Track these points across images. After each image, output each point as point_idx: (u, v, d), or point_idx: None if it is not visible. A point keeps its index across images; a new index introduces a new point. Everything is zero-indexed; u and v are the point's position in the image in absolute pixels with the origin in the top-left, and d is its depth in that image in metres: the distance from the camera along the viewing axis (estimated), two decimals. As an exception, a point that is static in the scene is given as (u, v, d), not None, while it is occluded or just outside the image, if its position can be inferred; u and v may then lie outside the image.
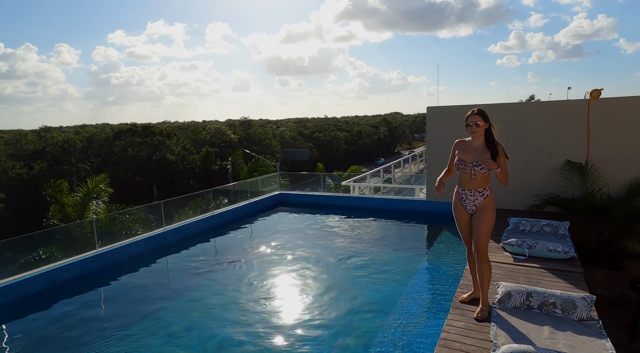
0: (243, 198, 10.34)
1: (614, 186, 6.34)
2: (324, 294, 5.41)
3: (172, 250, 7.44)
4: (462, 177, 3.51)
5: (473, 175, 3.38)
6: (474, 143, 3.45)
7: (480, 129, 3.38)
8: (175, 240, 7.78)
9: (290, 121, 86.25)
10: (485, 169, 3.33)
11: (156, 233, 7.48)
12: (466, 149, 3.47)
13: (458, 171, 3.52)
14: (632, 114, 6.35)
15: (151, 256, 7.10)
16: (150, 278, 6.41)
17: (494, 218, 3.46)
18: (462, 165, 3.45)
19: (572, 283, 4.22)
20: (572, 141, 6.78)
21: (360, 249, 7.11)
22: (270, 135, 54.63)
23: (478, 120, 3.37)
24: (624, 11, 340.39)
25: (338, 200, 10.52)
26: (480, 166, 3.34)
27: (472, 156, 3.41)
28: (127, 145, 43.38)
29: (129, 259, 6.90)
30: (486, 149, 3.37)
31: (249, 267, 6.52)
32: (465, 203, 3.52)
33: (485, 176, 3.41)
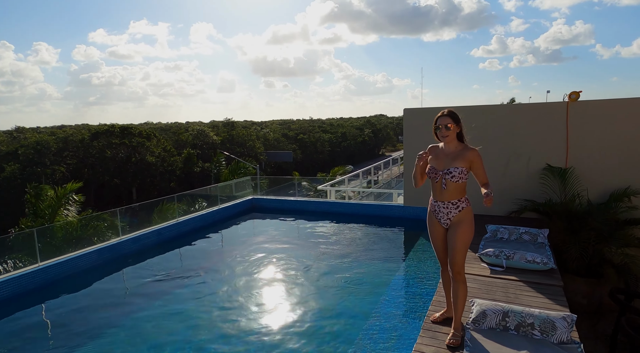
0: (214, 203, 9.83)
1: (594, 191, 6.13)
2: (290, 311, 5.01)
3: (130, 261, 6.84)
4: (434, 187, 3.15)
5: (444, 185, 3.03)
6: (445, 148, 3.11)
7: (452, 132, 3.03)
8: (134, 250, 7.19)
9: (275, 123, 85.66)
10: (457, 178, 3.00)
11: (111, 243, 6.87)
12: (437, 156, 3.13)
13: (430, 179, 3.17)
14: (611, 117, 6.16)
15: (104, 270, 6.49)
16: (100, 297, 5.72)
17: (472, 234, 3.10)
18: (432, 174, 3.10)
19: (552, 298, 3.96)
20: (552, 145, 6.56)
21: (335, 259, 6.72)
22: (253, 137, 53.97)
23: (448, 122, 3.01)
24: (600, 18, 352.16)
25: (314, 205, 10.12)
26: (451, 174, 3.00)
27: (442, 163, 3.07)
28: (104, 147, 42.14)
29: (77, 274, 6.23)
30: (458, 156, 3.04)
31: (216, 280, 6.06)
32: (438, 216, 3.17)
33: (459, 186, 3.04)
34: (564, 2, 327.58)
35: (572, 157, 6.43)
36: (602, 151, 6.22)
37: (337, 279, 5.85)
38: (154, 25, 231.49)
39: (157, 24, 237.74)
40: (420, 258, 6.44)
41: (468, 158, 3.02)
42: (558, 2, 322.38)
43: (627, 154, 6.03)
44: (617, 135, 6.10)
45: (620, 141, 6.09)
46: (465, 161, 3.01)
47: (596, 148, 6.29)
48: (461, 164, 3.01)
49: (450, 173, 3.01)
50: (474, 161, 3.02)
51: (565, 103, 6.43)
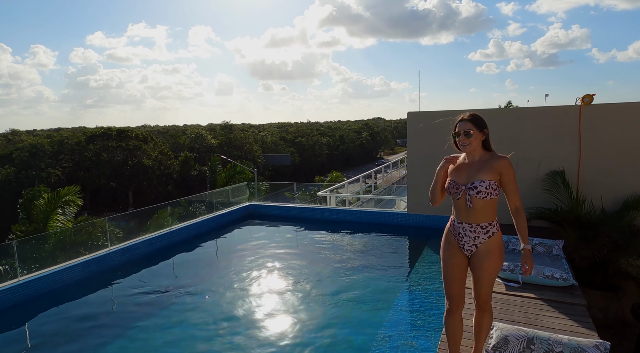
0: (210, 210, 9.46)
1: (607, 199, 5.82)
2: (289, 326, 4.66)
3: (119, 274, 6.44)
4: (456, 205, 2.60)
5: (469, 202, 2.47)
6: (468, 158, 2.58)
7: (474, 140, 2.47)
8: (123, 262, 6.79)
9: (272, 126, 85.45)
10: (485, 193, 2.42)
11: (98, 255, 6.45)
12: (459, 167, 2.60)
13: (450, 196, 2.63)
14: (625, 121, 5.86)
15: (90, 284, 6.07)
16: (85, 315, 5.23)
17: (501, 265, 2.59)
18: (453, 189, 2.56)
19: (576, 319, 3.62)
20: (563, 150, 6.26)
21: (336, 271, 6.36)
22: (251, 140, 53.64)
23: (470, 128, 2.46)
24: (597, 22, 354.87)
25: (314, 212, 9.77)
26: (476, 189, 2.43)
27: (465, 176, 2.52)
28: (101, 150, 41.71)
29: (60, 289, 5.80)
30: (484, 166, 2.47)
31: (211, 294, 5.68)
32: (462, 240, 2.58)
33: (489, 204, 2.46)
34: (560, 7, 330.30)
35: (584, 162, 6.13)
36: (616, 156, 5.92)
37: (339, 293, 5.50)
38: (152, 28, 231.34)
39: (156, 26, 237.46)
40: (424, 272, 6.10)
41: (496, 168, 2.43)
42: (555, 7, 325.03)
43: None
44: (632, 140, 5.80)
45: (635, 145, 5.79)
46: (494, 173, 2.43)
47: (610, 153, 5.99)
48: (488, 176, 2.43)
49: (475, 188, 2.43)
50: (504, 173, 2.42)
51: (577, 107, 6.13)
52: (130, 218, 13.69)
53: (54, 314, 5.26)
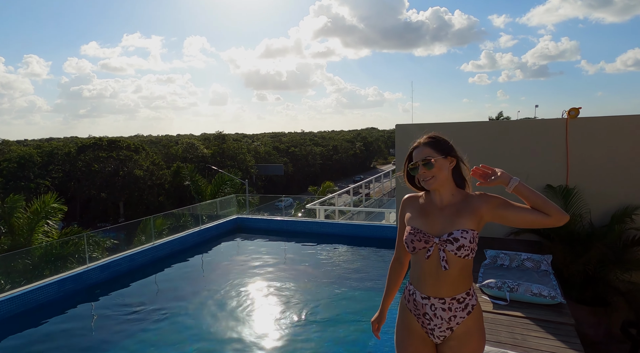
0: (195, 223, 9.27)
1: (596, 213, 5.77)
2: (276, 346, 4.48)
3: (97, 293, 6.18)
4: (420, 268, 1.79)
5: (444, 262, 1.70)
6: (436, 198, 1.82)
7: (437, 171, 1.74)
8: (102, 279, 6.53)
9: (266, 136, 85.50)
10: (468, 250, 1.69)
11: (75, 272, 6.18)
12: (424, 211, 1.84)
13: (412, 254, 1.83)
14: (611, 134, 5.84)
15: (65, 304, 5.78)
16: (58, 339, 4.92)
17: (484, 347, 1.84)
18: (420, 242, 1.76)
19: (563, 340, 3.51)
20: (551, 163, 6.22)
21: (325, 287, 6.21)
22: (244, 150, 53.52)
23: (429, 155, 1.75)
24: (585, 35, 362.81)
25: (302, 226, 9.62)
26: (457, 242, 1.69)
27: (437, 223, 1.77)
28: (91, 160, 41.31)
29: (32, 310, 5.49)
30: (463, 208, 1.76)
31: (196, 314, 5.48)
32: (431, 324, 1.79)
33: (468, 265, 1.75)
34: (550, 19, 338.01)
35: (572, 176, 6.09)
36: (603, 169, 5.89)
37: (328, 310, 5.35)
38: (147, 38, 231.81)
39: (151, 37, 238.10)
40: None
41: (477, 209, 1.73)
42: (545, 19, 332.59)
43: (628, 173, 5.71)
44: (618, 153, 5.78)
45: (622, 159, 5.77)
46: (475, 218, 1.72)
47: (597, 166, 5.96)
48: (470, 223, 1.72)
49: (456, 241, 1.68)
50: (490, 205, 1.72)
51: (564, 120, 6.11)
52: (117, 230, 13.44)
53: (22, 340, 4.98)
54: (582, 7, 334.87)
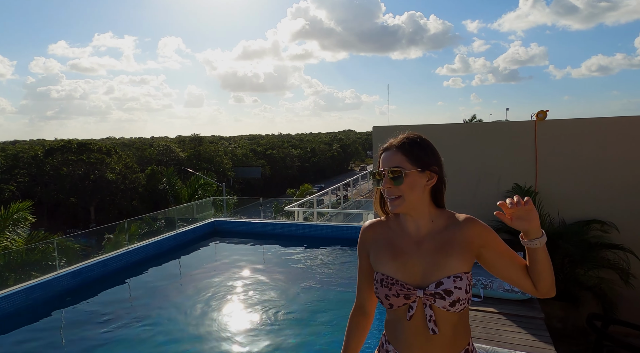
0: (172, 227, 9.08)
1: (564, 213, 6.03)
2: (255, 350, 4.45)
3: (68, 301, 5.93)
4: (402, 327, 1.27)
5: (432, 325, 1.21)
6: (409, 225, 1.29)
7: (407, 190, 1.22)
8: (74, 286, 6.30)
9: (243, 138, 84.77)
10: (463, 301, 1.20)
11: (43, 279, 5.94)
12: (396, 248, 1.29)
13: (387, 307, 1.29)
14: (579, 136, 6.13)
15: (34, 312, 5.54)
16: (25, 348, 4.71)
17: None
18: (397, 298, 1.24)
19: (534, 333, 3.67)
20: (521, 165, 6.45)
21: (304, 289, 6.20)
22: (221, 153, 52.84)
23: (399, 165, 1.23)
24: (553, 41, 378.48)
25: (281, 228, 9.59)
26: (449, 294, 1.18)
27: (419, 267, 1.24)
28: (60, 164, 39.76)
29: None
30: (449, 241, 1.24)
31: (172, 319, 5.35)
32: None
33: (463, 318, 1.28)
34: (520, 26, 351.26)
35: (541, 177, 6.33)
36: (571, 171, 6.16)
37: (307, 309, 5.36)
38: (119, 38, 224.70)
39: (124, 37, 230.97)
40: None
41: (470, 243, 1.24)
42: (515, 26, 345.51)
43: (595, 175, 6.00)
44: (586, 156, 6.06)
45: (589, 162, 6.05)
46: (468, 253, 1.23)
47: (565, 168, 6.23)
48: (462, 262, 1.22)
49: (449, 294, 1.18)
50: (488, 244, 1.24)
51: (533, 122, 6.36)
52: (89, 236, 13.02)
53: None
54: (550, 14, 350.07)
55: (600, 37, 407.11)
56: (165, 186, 16.34)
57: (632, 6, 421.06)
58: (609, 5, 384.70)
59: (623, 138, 5.66)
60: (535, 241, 1.17)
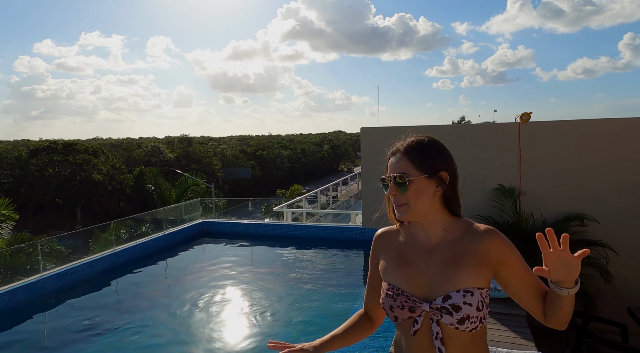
0: (159, 228, 9.01)
1: (547, 212, 6.16)
2: None
3: (52, 303, 5.86)
4: (408, 343, 1.18)
5: (438, 343, 1.11)
6: (419, 233, 1.23)
7: (413, 197, 1.16)
8: (59, 288, 6.21)
9: (233, 139, 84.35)
10: (474, 320, 1.09)
11: (28, 281, 5.86)
12: (404, 257, 1.23)
13: (392, 320, 1.20)
14: (561, 138, 6.27)
15: (17, 315, 5.45)
16: (8, 351, 4.67)
17: None
18: (402, 310, 1.16)
19: (516, 330, 3.77)
20: (506, 165, 6.58)
21: (292, 290, 6.23)
22: (210, 153, 52.49)
23: (406, 171, 1.17)
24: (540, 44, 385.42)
25: (269, 229, 9.59)
26: (457, 310, 1.07)
27: (425, 279, 1.16)
28: (45, 164, 39.06)
29: None
30: (461, 252, 1.15)
31: (159, 322, 5.31)
32: None
33: (478, 337, 1.15)
34: (507, 28, 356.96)
35: (525, 178, 6.46)
36: (554, 172, 6.30)
37: (295, 309, 5.38)
38: (107, 37, 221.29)
39: (111, 36, 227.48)
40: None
41: (488, 256, 1.13)
42: (503, 28, 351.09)
43: (578, 176, 6.14)
44: (568, 157, 6.21)
45: (570, 163, 6.20)
46: (484, 267, 1.13)
47: (548, 169, 6.37)
48: (475, 276, 1.12)
49: (456, 309, 1.08)
50: (506, 261, 1.13)
51: (517, 124, 6.49)
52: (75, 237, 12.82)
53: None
54: (537, 18, 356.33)
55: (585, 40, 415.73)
56: (151, 188, 16.15)
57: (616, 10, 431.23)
58: (594, 9, 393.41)
59: (602, 139, 5.82)
60: (564, 291, 1.06)
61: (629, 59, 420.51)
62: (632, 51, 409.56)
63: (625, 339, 4.05)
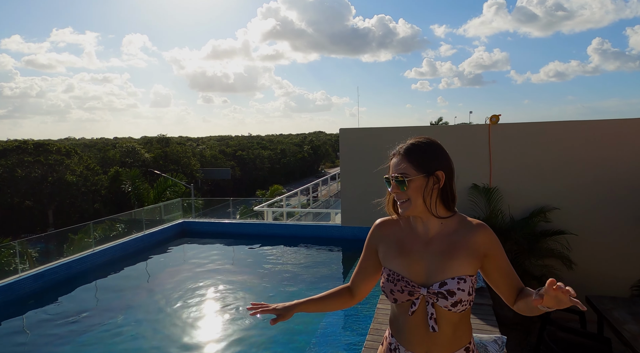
0: (139, 228, 8.95)
1: (515, 209, 6.52)
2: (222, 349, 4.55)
3: (31, 304, 5.80)
4: (404, 321, 1.37)
5: (432, 322, 1.30)
6: (418, 226, 1.39)
7: (413, 194, 1.32)
8: (36, 290, 6.14)
9: (212, 139, 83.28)
10: (465, 302, 1.28)
11: (6, 282, 5.77)
12: (404, 247, 1.39)
13: (391, 301, 1.39)
14: (528, 139, 6.65)
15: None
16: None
17: None
18: (401, 293, 1.34)
19: (482, 318, 4.05)
20: (476, 165, 6.91)
21: (273, 287, 6.35)
22: (189, 154, 51.73)
23: (405, 172, 1.33)
24: (514, 47, 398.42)
25: (250, 228, 9.66)
26: (451, 294, 1.27)
27: (423, 267, 1.33)
28: (14, 165, 37.60)
29: None
30: (455, 244, 1.32)
31: (140, 321, 5.33)
32: None
33: (465, 317, 1.35)
34: (483, 32, 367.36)
35: (495, 176, 6.81)
36: (521, 171, 6.67)
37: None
38: (80, 33, 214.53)
39: (85, 32, 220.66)
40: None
41: (478, 248, 1.31)
42: (479, 31, 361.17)
43: (543, 174, 6.52)
44: (534, 157, 6.59)
45: (537, 162, 6.58)
46: (474, 257, 1.31)
47: (516, 168, 6.73)
48: (467, 265, 1.29)
49: (451, 294, 1.26)
50: (491, 253, 1.32)
51: (487, 125, 6.83)
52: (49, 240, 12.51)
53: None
54: (512, 22, 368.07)
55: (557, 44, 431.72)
56: (128, 189, 15.88)
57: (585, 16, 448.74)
58: (565, 15, 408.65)
59: (566, 140, 6.23)
60: (545, 308, 1.18)
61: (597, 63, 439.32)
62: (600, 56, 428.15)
63: (584, 325, 4.37)
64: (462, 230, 1.33)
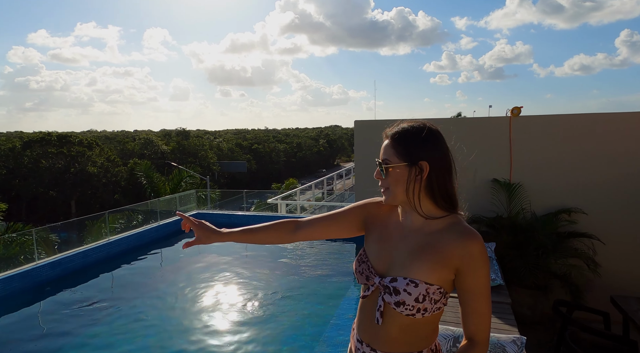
0: (154, 219, 9.06)
1: (536, 206, 6.27)
2: (234, 340, 4.54)
3: (48, 291, 5.94)
4: (360, 304, 1.33)
5: (377, 314, 1.20)
6: (406, 219, 1.28)
7: (395, 183, 1.20)
8: (53, 277, 6.28)
9: (229, 132, 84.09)
10: (410, 307, 1.14)
11: (23, 269, 5.92)
12: (386, 233, 1.31)
13: (356, 279, 1.35)
14: (551, 132, 6.37)
15: (12, 302, 5.51)
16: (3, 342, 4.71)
17: None
18: (361, 275, 1.29)
19: (500, 317, 3.88)
20: (496, 159, 6.67)
21: (285, 279, 6.35)
22: (206, 147, 52.34)
23: (389, 158, 1.21)
24: (537, 40, 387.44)
25: (264, 220, 9.64)
26: (397, 293, 1.15)
27: (388, 258, 1.25)
28: (39, 156, 38.79)
29: None
30: (429, 244, 1.18)
31: (154, 310, 5.39)
32: None
33: (420, 325, 1.19)
34: (506, 24, 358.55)
35: (515, 171, 6.57)
36: (543, 166, 6.40)
37: (289, 298, 5.48)
38: (103, 28, 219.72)
39: (107, 27, 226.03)
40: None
41: (451, 256, 1.14)
42: (502, 24, 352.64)
43: (566, 169, 6.25)
44: (557, 151, 6.31)
45: (560, 157, 6.30)
46: (442, 265, 1.15)
47: (537, 163, 6.47)
48: (428, 271, 1.15)
49: (396, 291, 1.15)
50: (464, 269, 1.14)
51: (507, 118, 6.57)
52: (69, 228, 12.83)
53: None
54: (537, 13, 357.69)
55: (583, 37, 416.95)
56: (142, 180, 16.16)
57: (615, 7, 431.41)
58: (594, 5, 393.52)
59: (590, 133, 5.94)
60: None
61: (625, 56, 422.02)
62: (628, 48, 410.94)
63: (608, 327, 4.18)
64: (445, 234, 1.17)
